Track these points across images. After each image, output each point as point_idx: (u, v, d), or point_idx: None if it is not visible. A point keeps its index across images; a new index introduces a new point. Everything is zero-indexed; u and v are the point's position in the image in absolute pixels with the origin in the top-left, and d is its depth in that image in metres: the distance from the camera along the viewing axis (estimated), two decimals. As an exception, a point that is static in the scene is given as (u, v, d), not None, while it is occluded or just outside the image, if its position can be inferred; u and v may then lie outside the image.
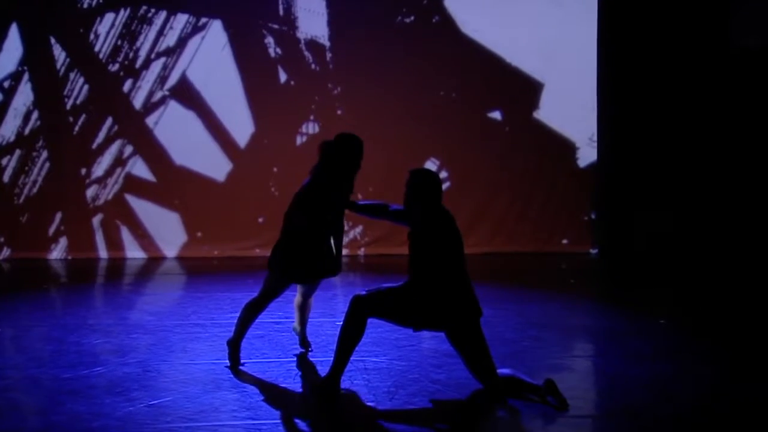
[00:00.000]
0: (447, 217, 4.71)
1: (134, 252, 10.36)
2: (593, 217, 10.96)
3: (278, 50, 10.51)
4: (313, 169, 5.19)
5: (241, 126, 10.44)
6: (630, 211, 10.54)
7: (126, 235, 10.37)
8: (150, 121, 10.33)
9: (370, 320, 4.70)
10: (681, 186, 10.41)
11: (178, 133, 10.27)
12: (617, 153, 10.63)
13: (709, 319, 6.90)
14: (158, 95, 10.33)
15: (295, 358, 5.47)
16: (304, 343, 5.62)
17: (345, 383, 4.79)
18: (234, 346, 5.30)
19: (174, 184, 10.36)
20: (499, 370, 4.71)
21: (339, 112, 10.65)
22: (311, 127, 10.63)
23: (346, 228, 10.86)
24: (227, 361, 5.25)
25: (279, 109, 10.45)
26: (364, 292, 4.69)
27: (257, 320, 6.59)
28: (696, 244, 10.10)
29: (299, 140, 10.62)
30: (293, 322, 6.44)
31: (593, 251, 10.80)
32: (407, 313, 4.63)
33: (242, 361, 5.29)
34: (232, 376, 5.05)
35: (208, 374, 5.08)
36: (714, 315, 7.05)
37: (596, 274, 9.77)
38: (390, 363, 5.38)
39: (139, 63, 10.27)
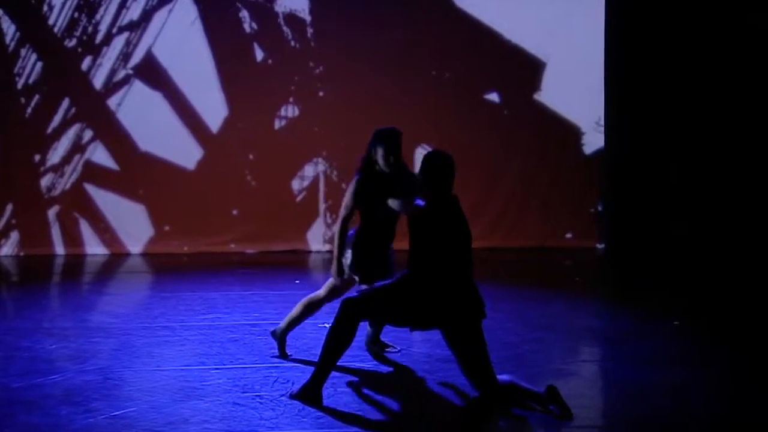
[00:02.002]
0: (456, 207, 4.72)
1: (95, 248, 10.31)
2: (600, 209, 10.98)
3: (254, 25, 10.46)
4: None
5: (213, 109, 10.40)
6: (640, 203, 10.56)
7: (85, 228, 10.32)
8: (112, 102, 10.27)
9: (360, 325, 4.70)
10: (696, 175, 10.44)
11: (143, 117, 10.21)
12: (626, 139, 10.64)
13: (726, 320, 6.93)
14: (121, 74, 10.26)
15: (273, 364, 5.45)
16: (284, 351, 5.63)
17: (327, 390, 4.78)
18: (280, 338, 5.57)
19: (139, 173, 10.31)
20: (498, 376, 4.70)
21: (321, 93, 10.63)
22: (290, 110, 10.61)
23: (329, 221, 10.88)
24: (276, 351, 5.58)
25: (255, 91, 10.41)
26: (354, 294, 4.68)
27: (230, 323, 6.62)
28: (713, 238, 10.14)
29: (277, 124, 10.60)
30: (270, 323, 6.42)
31: (600, 246, 10.83)
32: (404, 311, 4.63)
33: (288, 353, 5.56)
34: (203, 383, 5.03)
35: (177, 382, 5.06)
36: (731, 316, 7.08)
37: (603, 271, 9.80)
38: (377, 369, 5.37)
39: (99, 38, 10.20)
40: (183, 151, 10.37)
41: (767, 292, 8.06)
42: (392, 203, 4.97)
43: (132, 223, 10.30)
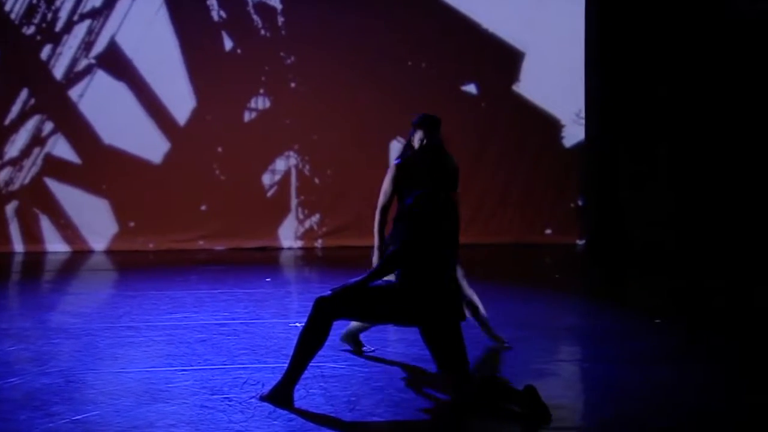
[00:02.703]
0: (448, 204, 4.71)
1: (56, 245, 10.23)
2: (580, 204, 11.04)
3: (222, 13, 10.41)
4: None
5: (180, 100, 10.35)
6: (622, 198, 10.63)
7: (46, 225, 10.24)
8: (73, 93, 10.18)
9: (334, 325, 4.69)
10: (679, 169, 10.53)
11: (107, 108, 10.16)
12: (607, 131, 10.71)
13: (709, 317, 6.98)
14: (82, 64, 10.17)
15: (242, 365, 5.42)
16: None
17: (299, 392, 4.77)
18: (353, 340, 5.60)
19: (102, 167, 10.26)
20: (475, 377, 4.71)
21: (292, 84, 10.61)
22: (261, 102, 10.58)
23: (302, 216, 10.86)
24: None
25: (223, 81, 10.38)
26: (328, 293, 4.66)
27: (198, 323, 6.58)
28: (696, 234, 10.24)
29: (247, 116, 10.57)
30: (240, 323, 6.39)
31: (580, 242, 10.89)
32: (381, 307, 4.62)
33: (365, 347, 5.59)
34: (169, 385, 4.99)
35: (142, 384, 5.02)
36: (715, 313, 7.14)
37: (584, 268, 9.85)
38: (351, 369, 5.37)
39: (59, 26, 10.09)
40: (148, 144, 10.32)
41: (751, 287, 8.14)
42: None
43: (95, 219, 10.24)
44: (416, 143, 5.44)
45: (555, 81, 10.67)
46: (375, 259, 5.42)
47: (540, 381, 5.05)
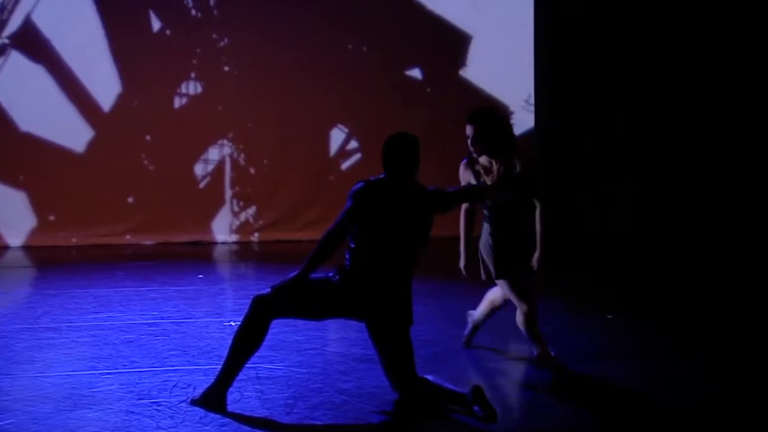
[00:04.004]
0: (411, 197, 4.69)
1: (-32, 240, 10.04)
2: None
3: (150, -9, 10.29)
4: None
5: (105, 84, 10.22)
6: (573, 187, 10.76)
7: (-43, 219, 10.04)
8: (-14, 76, 9.98)
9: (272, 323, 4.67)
10: (634, 157, 10.69)
11: (23, 92, 10.00)
12: (558, 118, 10.83)
13: (662, 312, 7.11)
14: (-3, 44, 9.97)
15: (172, 367, 5.37)
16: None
17: (233, 395, 4.74)
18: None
19: (18, 156, 10.10)
20: (420, 377, 4.72)
21: (226, 68, 10.53)
22: (192, 87, 10.49)
23: (236, 209, 10.79)
24: None
25: (152, 65, 10.26)
26: (267, 290, 4.62)
27: (125, 322, 6.51)
28: (656, 224, 10.41)
29: (178, 102, 10.47)
30: (170, 322, 6.34)
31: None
32: (320, 304, 4.59)
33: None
34: (93, 390, 4.93)
35: (63, 389, 4.97)
36: (668, 308, 7.27)
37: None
38: (288, 370, 5.37)
39: (-29, 4, 9.87)
40: (70, 131, 10.17)
41: (706, 283, 8.30)
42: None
43: (11, 212, 10.07)
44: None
45: (503, 66, 10.75)
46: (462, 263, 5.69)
47: (489, 380, 5.10)
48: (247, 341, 4.63)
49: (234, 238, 10.64)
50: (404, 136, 4.85)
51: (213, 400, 4.65)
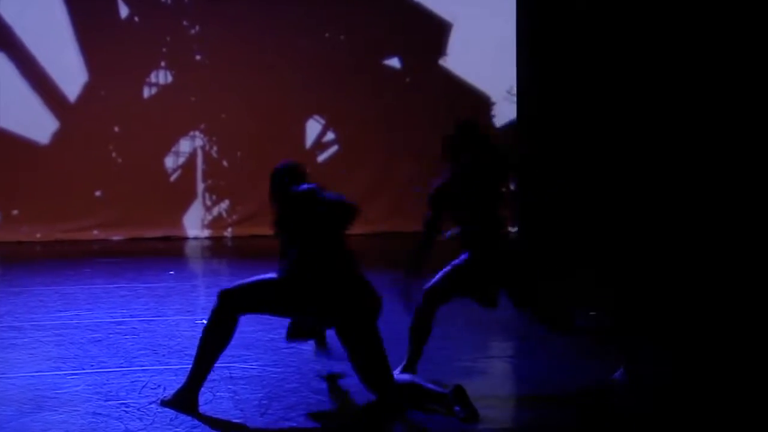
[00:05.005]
0: (310, 198, 4.70)
1: (-72, 236, 9.96)
2: (512, 187, 11.17)
3: (117, -24, 10.24)
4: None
5: (70, 73, 10.18)
6: (556, 181, 10.79)
7: None
8: (-54, 65, 9.90)
9: (243, 320, 4.67)
10: (619, 150, 10.72)
11: (-15, 82, 9.91)
12: (541, 110, 10.85)
13: (648, 310, 7.15)
14: (-43, 32, 9.89)
15: (142, 367, 5.35)
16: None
17: (205, 395, 4.73)
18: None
19: (-20, 148, 10.00)
20: (396, 376, 4.72)
21: (198, 57, 10.49)
22: (162, 76, 10.45)
23: (209, 203, 10.75)
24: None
25: (120, 53, 10.22)
26: (232, 285, 4.61)
27: (92, 321, 6.48)
28: (637, 220, 10.46)
29: (147, 92, 10.43)
30: (140, 320, 6.31)
31: (512, 230, 11.03)
32: (277, 301, 4.60)
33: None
34: (58, 392, 4.90)
35: (26, 391, 4.94)
36: (654, 306, 7.32)
37: (516, 258, 9.95)
38: (262, 370, 5.37)
39: (-70, -11, 9.78)
40: (34, 122, 10.13)
41: (694, 278, 8.36)
42: None
43: (-28, 206, 10.00)
44: None
45: (485, 55, 10.77)
46: None
47: (468, 379, 5.11)
48: (214, 338, 4.62)
49: (206, 233, 10.61)
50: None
51: (184, 400, 4.63)
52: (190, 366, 4.69)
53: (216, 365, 4.72)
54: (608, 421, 4.70)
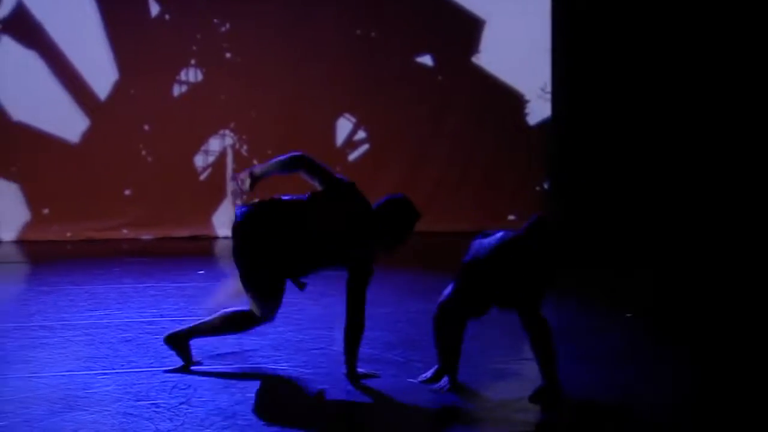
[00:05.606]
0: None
1: (-41, 235, 10.08)
2: (546, 187, 11.14)
3: (148, -27, 10.31)
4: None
5: (101, 72, 10.24)
6: (591, 180, 10.73)
7: (-53, 212, 10.08)
8: (-24, 63, 10.01)
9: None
10: (654, 147, 10.64)
11: (15, 80, 10.04)
12: (576, 107, 10.80)
13: (684, 313, 7.10)
14: (-14, 29, 10.00)
15: (171, 367, 5.38)
16: None
17: (235, 396, 4.74)
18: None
19: (11, 147, 10.13)
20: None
21: (228, 55, 10.53)
22: (192, 75, 10.49)
23: (238, 202, 10.78)
24: None
25: (150, 51, 10.27)
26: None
27: (122, 321, 6.53)
28: (671, 220, 10.38)
29: (177, 90, 10.48)
30: (170, 320, 6.35)
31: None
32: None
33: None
34: (88, 391, 4.94)
35: (57, 390, 4.97)
36: (691, 309, 7.26)
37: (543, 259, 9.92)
38: (293, 371, 5.37)
39: (-43, -15, 9.91)
40: (64, 121, 10.20)
41: (732, 282, 8.29)
42: None
43: (3, 205, 10.13)
44: None
45: (518, 52, 10.72)
46: None
47: (501, 381, 5.10)
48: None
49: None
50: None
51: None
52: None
53: (247, 366, 4.74)
54: (644, 426, 4.68)
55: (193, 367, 5.38)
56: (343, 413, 4.72)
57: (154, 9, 10.34)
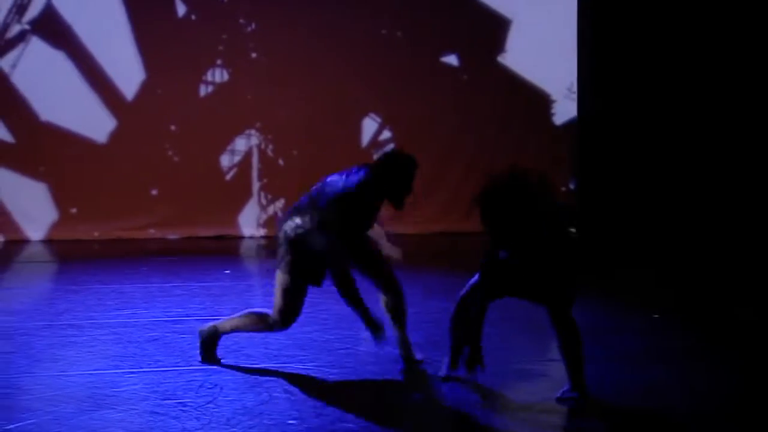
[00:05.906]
0: None
1: (-12, 234, 10.17)
2: (572, 187, 11.10)
3: (174, -26, 10.36)
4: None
5: (128, 72, 10.29)
6: (618, 179, 10.70)
7: (-24, 212, 10.17)
8: (5, 63, 10.09)
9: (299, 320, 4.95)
10: (681, 148, 10.59)
11: (44, 80, 10.09)
12: (602, 107, 10.76)
13: (711, 313, 7.06)
14: (15, 30, 10.08)
15: (198, 366, 5.42)
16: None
17: (261, 395, 4.77)
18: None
19: (40, 147, 10.19)
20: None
21: (253, 55, 10.57)
22: (218, 74, 10.54)
23: (264, 202, 10.83)
24: None
25: (176, 51, 10.32)
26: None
27: (149, 320, 6.58)
28: (701, 221, 10.32)
29: (203, 91, 10.53)
30: (196, 320, 6.40)
31: (572, 229, 10.94)
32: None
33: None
34: (116, 390, 4.98)
35: (85, 389, 5.01)
36: (717, 309, 7.22)
37: (575, 258, 9.89)
38: (318, 371, 5.38)
39: (-13, -14, 10.00)
40: (92, 121, 10.26)
41: (756, 283, 8.23)
42: None
43: (32, 205, 10.18)
44: None
45: (545, 52, 10.70)
46: None
47: (527, 382, 5.10)
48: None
49: (262, 232, 10.69)
50: None
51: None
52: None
53: (273, 366, 4.76)
54: (668, 427, 4.67)
55: (219, 367, 5.42)
56: (368, 414, 4.73)
57: (181, 9, 10.39)
